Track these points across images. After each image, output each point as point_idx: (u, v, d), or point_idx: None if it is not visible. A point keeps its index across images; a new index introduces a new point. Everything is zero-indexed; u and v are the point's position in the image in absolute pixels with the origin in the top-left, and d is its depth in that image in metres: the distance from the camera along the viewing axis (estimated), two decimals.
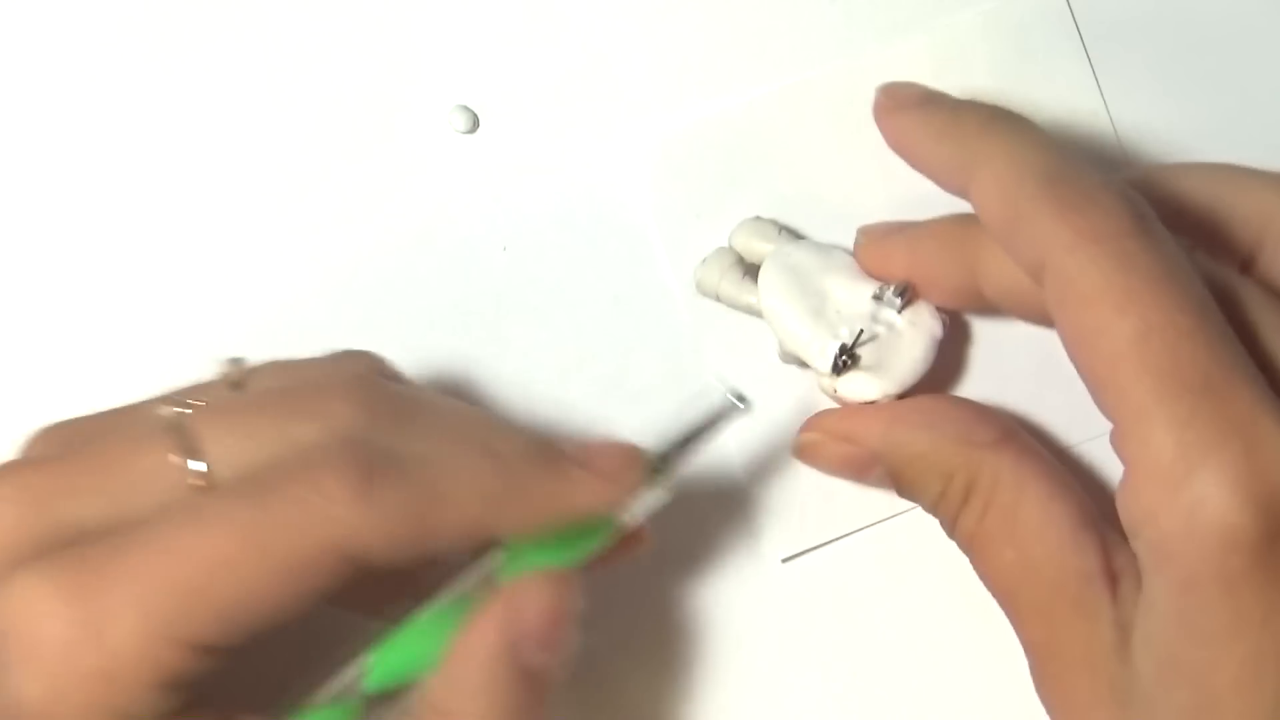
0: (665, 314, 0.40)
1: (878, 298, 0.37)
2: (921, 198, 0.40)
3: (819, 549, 0.40)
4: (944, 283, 0.37)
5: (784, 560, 0.40)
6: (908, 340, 0.37)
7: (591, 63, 0.41)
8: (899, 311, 0.37)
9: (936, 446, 0.36)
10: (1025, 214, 0.32)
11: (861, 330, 0.37)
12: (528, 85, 0.41)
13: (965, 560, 0.40)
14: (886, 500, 0.38)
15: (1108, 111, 0.42)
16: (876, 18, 0.42)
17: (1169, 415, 0.30)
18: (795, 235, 0.40)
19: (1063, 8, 0.42)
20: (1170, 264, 0.31)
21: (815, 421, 0.37)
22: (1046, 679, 0.34)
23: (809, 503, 0.40)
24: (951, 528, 0.36)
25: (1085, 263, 0.31)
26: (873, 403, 0.37)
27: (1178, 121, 0.42)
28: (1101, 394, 0.31)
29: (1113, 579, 0.33)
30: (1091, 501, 0.35)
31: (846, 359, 0.36)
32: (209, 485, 0.30)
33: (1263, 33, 0.43)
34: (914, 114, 0.37)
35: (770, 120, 0.41)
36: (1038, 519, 0.34)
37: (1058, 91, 0.41)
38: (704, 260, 0.40)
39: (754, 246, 0.39)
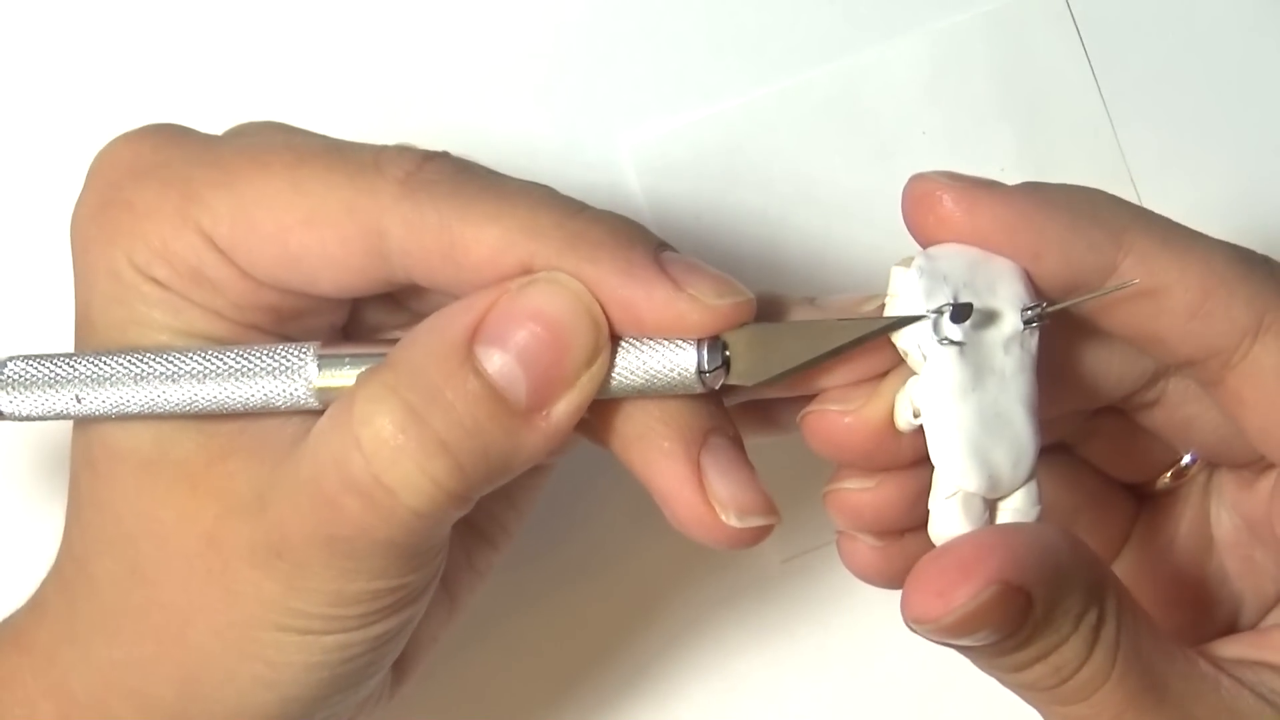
0: None
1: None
2: None
3: (819, 549, 0.40)
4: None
5: (784, 561, 0.40)
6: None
7: (591, 63, 0.41)
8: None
9: None
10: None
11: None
12: (528, 86, 0.41)
13: None
14: None
15: (1107, 111, 0.42)
16: (876, 18, 0.42)
17: None
18: None
19: (1062, 8, 0.42)
20: None
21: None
22: None
23: (809, 504, 0.40)
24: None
25: None
26: None
27: (1177, 121, 0.42)
28: None
29: None
30: None
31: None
32: None
33: (1262, 33, 0.43)
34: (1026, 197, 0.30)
35: (770, 120, 0.41)
36: None
37: (1058, 91, 0.41)
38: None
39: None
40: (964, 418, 0.28)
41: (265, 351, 0.29)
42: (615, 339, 0.28)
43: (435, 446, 0.27)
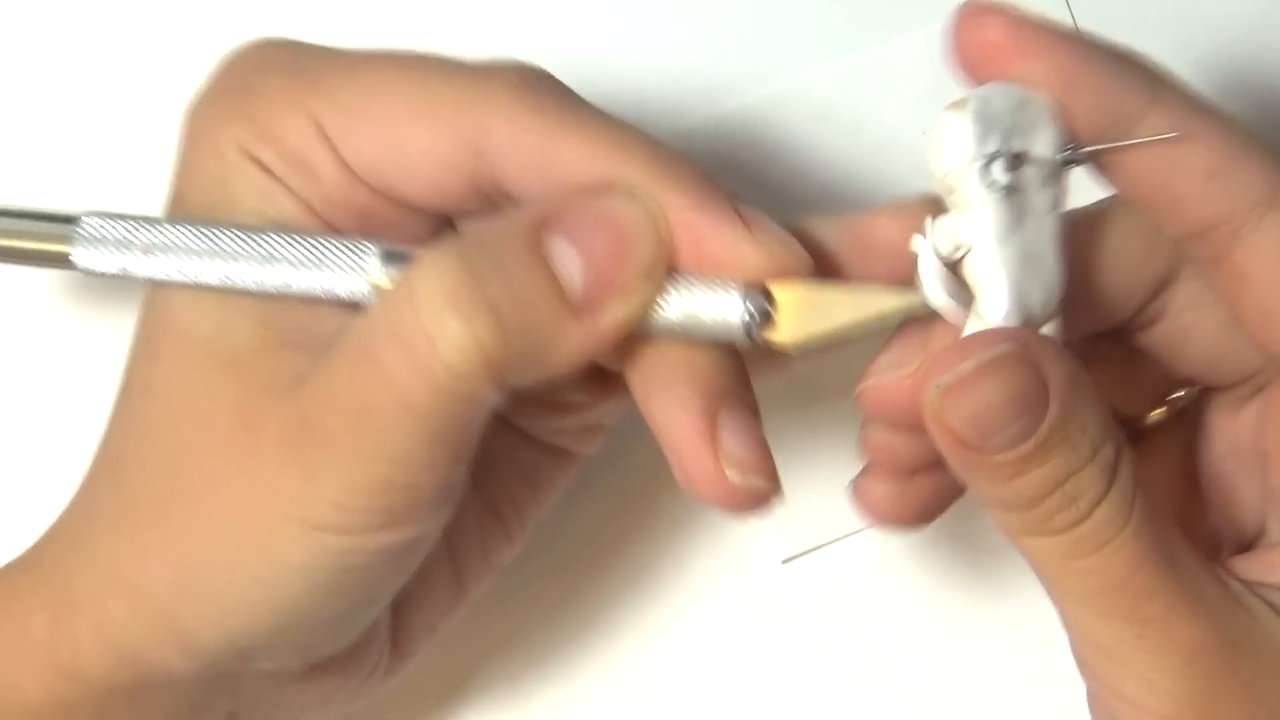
0: None
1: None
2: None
3: (819, 550, 0.40)
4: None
5: (784, 561, 0.40)
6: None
7: (591, 65, 0.41)
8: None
9: None
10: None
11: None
12: None
13: (964, 560, 0.40)
14: None
15: None
16: (876, 18, 0.42)
17: None
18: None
19: (1062, 8, 0.42)
20: None
21: None
22: None
23: (809, 504, 0.40)
24: None
25: None
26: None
27: None
28: None
29: None
30: None
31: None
32: None
33: (1261, 34, 0.43)
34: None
35: (770, 120, 0.41)
36: None
37: None
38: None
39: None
40: (1008, 259, 0.29)
41: (331, 240, 0.30)
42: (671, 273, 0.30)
43: (485, 306, 0.28)
